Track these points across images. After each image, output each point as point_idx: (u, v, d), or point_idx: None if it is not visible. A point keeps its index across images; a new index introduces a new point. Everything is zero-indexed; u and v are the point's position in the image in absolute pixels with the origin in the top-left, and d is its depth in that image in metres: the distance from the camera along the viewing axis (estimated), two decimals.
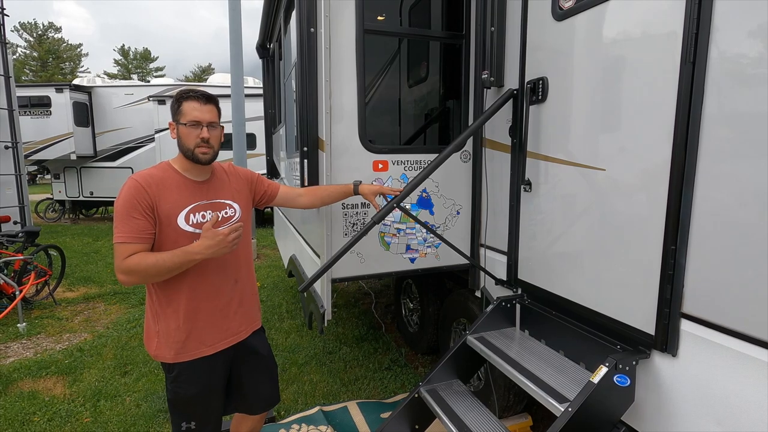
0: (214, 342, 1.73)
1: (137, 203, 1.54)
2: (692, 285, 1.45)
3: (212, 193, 1.74)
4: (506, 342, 2.17)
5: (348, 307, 4.87)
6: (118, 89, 11.79)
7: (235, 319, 1.79)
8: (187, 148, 1.64)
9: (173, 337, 1.66)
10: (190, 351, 1.68)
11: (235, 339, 1.80)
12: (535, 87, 2.07)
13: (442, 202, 2.59)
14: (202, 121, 1.64)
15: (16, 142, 5.90)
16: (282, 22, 3.50)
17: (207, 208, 1.70)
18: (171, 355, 1.67)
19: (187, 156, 1.66)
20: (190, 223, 1.63)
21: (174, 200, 1.61)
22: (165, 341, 1.68)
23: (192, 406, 1.73)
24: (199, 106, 1.64)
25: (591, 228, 1.84)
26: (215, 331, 1.73)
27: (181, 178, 1.67)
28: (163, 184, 1.61)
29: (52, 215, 12.60)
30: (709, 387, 1.40)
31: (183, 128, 1.63)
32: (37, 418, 2.82)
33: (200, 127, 1.63)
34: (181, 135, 1.64)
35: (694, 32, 1.37)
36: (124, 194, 1.56)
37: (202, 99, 1.65)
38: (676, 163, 1.45)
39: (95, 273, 6.49)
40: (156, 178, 1.61)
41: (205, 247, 1.56)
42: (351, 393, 3.11)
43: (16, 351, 3.89)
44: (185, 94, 1.65)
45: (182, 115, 1.63)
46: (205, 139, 1.64)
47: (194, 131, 1.63)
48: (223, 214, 1.74)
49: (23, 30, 33.77)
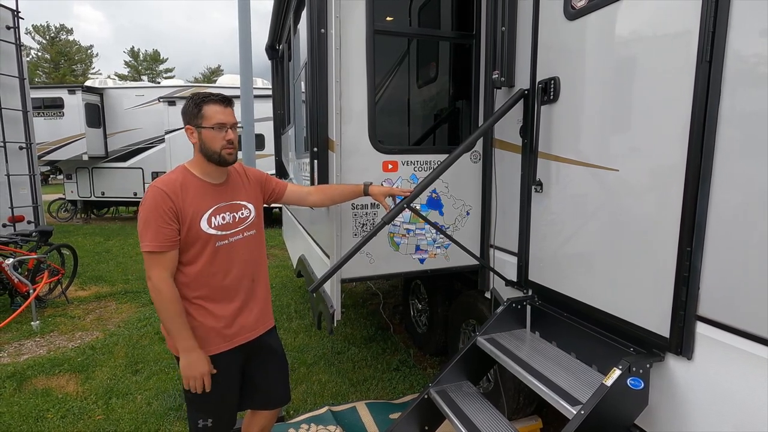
0: (232, 338, 1.77)
1: (163, 211, 1.58)
2: (708, 287, 1.43)
3: (230, 195, 1.77)
4: (516, 343, 2.15)
5: (356, 307, 4.88)
6: (129, 90, 11.94)
7: (251, 316, 1.83)
8: (213, 151, 1.67)
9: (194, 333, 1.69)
10: (209, 347, 1.71)
11: (251, 335, 1.83)
12: (546, 87, 2.06)
13: (451, 202, 2.58)
14: (226, 123, 1.67)
15: (30, 142, 6.00)
16: (291, 23, 3.52)
17: (226, 209, 1.74)
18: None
19: (212, 159, 1.69)
20: (212, 225, 1.68)
21: (196, 204, 1.65)
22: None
23: (209, 402, 1.76)
24: (222, 109, 1.67)
25: (603, 229, 1.82)
26: (233, 327, 1.77)
27: (200, 182, 1.70)
28: (184, 190, 1.64)
29: (64, 215, 12.79)
30: (725, 390, 1.38)
31: (208, 132, 1.65)
32: (50, 415, 2.86)
33: (225, 129, 1.67)
34: (206, 138, 1.66)
35: (711, 30, 1.35)
36: (149, 203, 1.59)
37: (224, 102, 1.68)
38: (692, 163, 1.43)
39: (106, 272, 6.57)
40: (178, 184, 1.64)
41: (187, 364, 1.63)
42: (359, 393, 3.11)
43: (29, 348, 3.95)
44: (205, 98, 1.67)
45: (205, 119, 1.65)
46: (231, 140, 1.68)
47: (220, 134, 1.65)
48: (239, 215, 1.78)
49: (36, 32, 34.31)
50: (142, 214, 1.60)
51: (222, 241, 1.71)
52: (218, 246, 1.70)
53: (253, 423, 2.02)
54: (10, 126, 5.65)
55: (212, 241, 1.68)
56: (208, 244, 1.67)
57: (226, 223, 1.72)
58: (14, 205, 5.69)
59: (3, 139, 5.56)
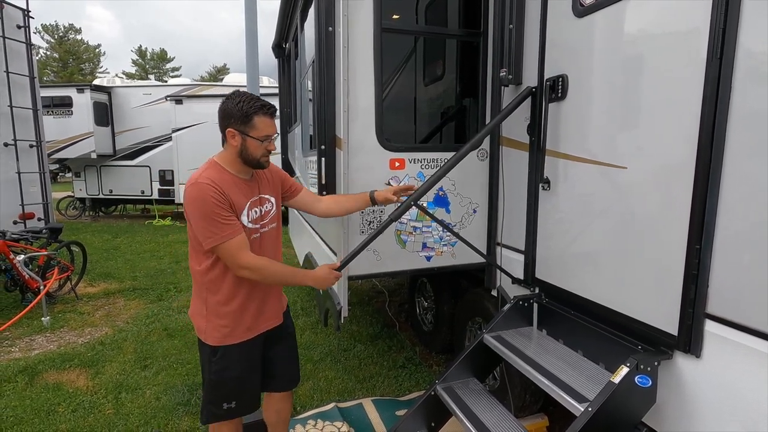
0: (257, 326, 1.84)
1: (220, 203, 1.63)
2: (717, 284, 1.43)
3: (257, 190, 1.84)
4: (523, 341, 2.16)
5: (361, 305, 4.89)
6: (137, 89, 12.01)
7: (274, 304, 1.93)
8: (253, 157, 1.72)
9: (222, 322, 1.76)
10: (236, 335, 1.78)
11: (273, 323, 1.93)
12: (554, 84, 2.05)
13: (458, 200, 2.58)
14: (272, 135, 1.74)
15: (40, 141, 6.05)
16: (298, 21, 3.53)
17: (257, 204, 1.82)
18: (218, 338, 1.77)
19: (249, 163, 1.74)
20: (249, 219, 1.75)
21: (237, 199, 1.71)
22: (214, 325, 1.77)
23: (234, 388, 1.83)
24: (271, 122, 1.73)
25: (612, 226, 1.81)
26: (258, 315, 1.84)
27: (233, 177, 1.74)
28: (225, 185, 1.68)
29: (73, 213, 12.93)
30: (733, 389, 1.38)
31: (254, 142, 1.70)
32: (61, 409, 2.90)
33: (270, 140, 1.74)
34: (249, 146, 1.70)
35: (722, 27, 1.35)
36: (207, 199, 1.61)
37: (273, 114, 1.74)
38: (702, 160, 1.42)
39: (115, 269, 6.63)
40: (220, 180, 1.67)
41: (318, 279, 1.86)
42: (366, 390, 3.12)
43: (40, 344, 4.00)
44: (257, 108, 1.68)
45: (254, 129, 1.68)
46: (272, 150, 1.76)
47: (264, 144, 1.72)
48: (264, 209, 1.85)
49: (45, 32, 34.63)
50: (202, 211, 1.62)
51: (255, 234, 1.79)
52: (252, 239, 1.77)
53: (269, 407, 2.10)
54: (20, 124, 5.70)
55: (250, 234, 1.75)
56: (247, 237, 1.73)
57: (257, 216, 1.80)
58: (25, 202, 5.75)
59: (14, 137, 5.62)
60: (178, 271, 6.56)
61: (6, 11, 5.51)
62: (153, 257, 7.49)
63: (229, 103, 1.69)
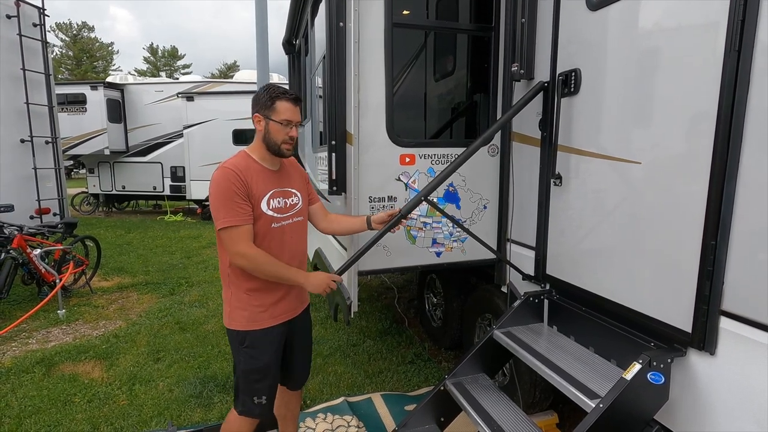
0: (280, 314, 1.89)
1: (237, 189, 1.69)
2: (732, 281, 1.41)
3: (283, 182, 1.89)
4: (534, 337, 2.15)
5: (371, 301, 4.91)
6: (149, 86, 12.15)
7: (297, 296, 1.97)
8: (274, 142, 1.78)
9: (249, 305, 1.82)
10: (260, 321, 1.83)
11: (293, 313, 1.96)
12: (567, 79, 2.03)
13: (468, 196, 2.57)
14: (293, 120, 1.78)
15: (56, 137, 6.17)
16: (309, 17, 3.54)
17: (280, 195, 1.86)
18: (243, 323, 1.82)
19: (271, 149, 1.80)
20: (270, 207, 1.80)
21: (259, 187, 1.77)
22: (239, 310, 1.83)
23: (263, 378, 1.87)
24: (292, 107, 1.77)
25: (625, 222, 1.79)
26: (282, 304, 1.89)
27: (259, 166, 1.81)
28: (249, 172, 1.75)
29: (86, 208, 13.16)
30: (749, 387, 1.36)
31: (275, 125, 1.76)
32: (77, 399, 2.97)
33: (291, 126, 1.78)
34: (272, 130, 1.77)
35: (741, 19, 1.32)
36: (223, 183, 1.69)
37: (296, 101, 1.80)
38: (718, 155, 1.40)
39: (128, 264, 6.74)
40: (244, 167, 1.75)
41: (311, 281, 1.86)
42: (375, 385, 3.14)
43: (56, 336, 4.09)
44: (280, 93, 1.76)
45: (276, 112, 1.75)
46: (293, 137, 1.79)
47: (285, 129, 1.77)
48: (290, 201, 1.90)
49: (59, 30, 35.13)
50: (217, 193, 1.70)
51: (276, 223, 1.83)
52: (273, 227, 1.82)
53: (280, 400, 2.12)
54: (36, 121, 5.81)
55: (270, 222, 1.80)
56: (266, 224, 1.79)
57: (280, 206, 1.84)
58: (40, 197, 5.87)
59: (30, 134, 5.73)
60: (189, 266, 6.65)
61: (22, 9, 5.61)
62: (165, 252, 7.59)
63: (259, 91, 1.80)
